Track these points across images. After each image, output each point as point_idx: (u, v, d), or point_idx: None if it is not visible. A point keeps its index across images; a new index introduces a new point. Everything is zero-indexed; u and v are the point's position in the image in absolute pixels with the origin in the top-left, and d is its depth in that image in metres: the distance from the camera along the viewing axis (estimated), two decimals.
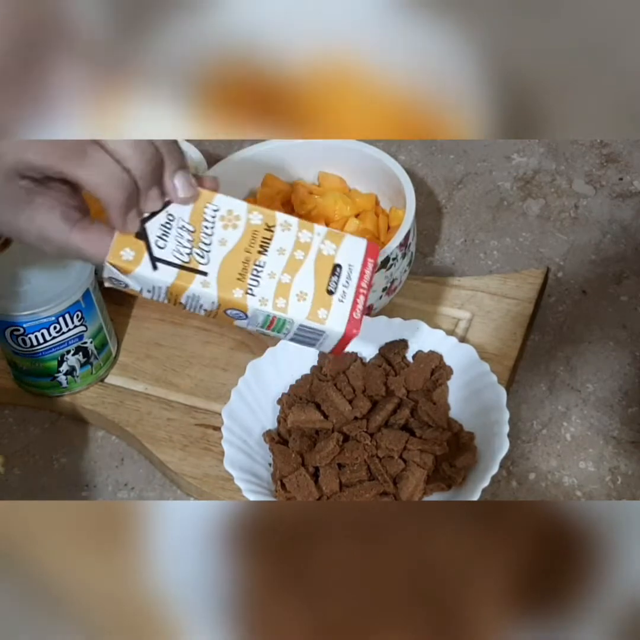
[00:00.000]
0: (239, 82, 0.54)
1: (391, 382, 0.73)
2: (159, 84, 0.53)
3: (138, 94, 0.53)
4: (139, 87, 0.53)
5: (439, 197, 0.97)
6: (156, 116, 0.54)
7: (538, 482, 0.72)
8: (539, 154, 1.00)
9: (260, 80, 0.54)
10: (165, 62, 0.53)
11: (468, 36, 0.53)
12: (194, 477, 0.72)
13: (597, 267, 0.88)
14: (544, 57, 0.53)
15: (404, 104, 0.55)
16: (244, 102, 0.55)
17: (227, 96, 0.54)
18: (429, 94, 0.54)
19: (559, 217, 0.93)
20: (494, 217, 0.94)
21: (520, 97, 0.54)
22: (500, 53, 0.53)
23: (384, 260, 0.75)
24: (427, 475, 0.67)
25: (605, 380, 0.78)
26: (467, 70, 0.54)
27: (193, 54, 0.53)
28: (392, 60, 0.54)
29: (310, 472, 0.68)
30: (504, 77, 0.54)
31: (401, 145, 1.03)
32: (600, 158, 0.99)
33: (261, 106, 0.55)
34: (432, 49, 0.53)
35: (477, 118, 0.55)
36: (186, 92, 0.54)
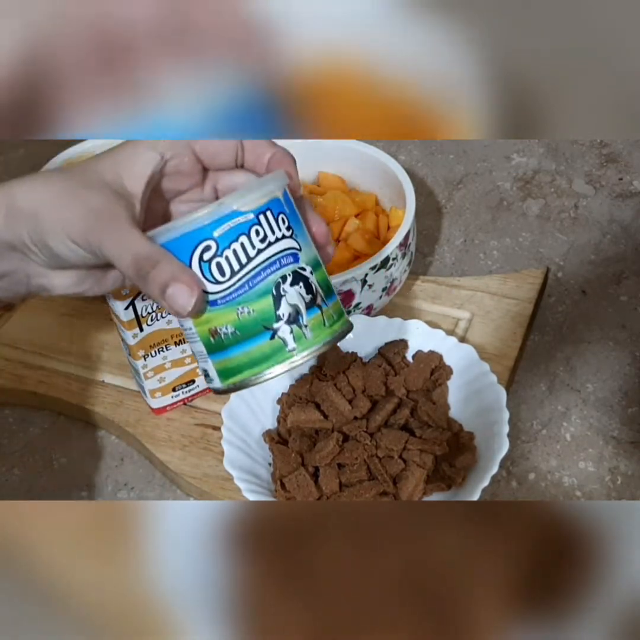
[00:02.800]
0: None
1: (391, 382, 0.73)
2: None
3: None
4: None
5: (439, 197, 0.97)
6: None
7: (538, 482, 0.72)
8: (539, 154, 1.01)
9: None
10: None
11: (468, 36, 0.53)
12: (193, 477, 0.72)
13: (597, 267, 0.88)
14: (544, 57, 0.53)
15: (404, 104, 0.55)
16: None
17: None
18: (429, 94, 0.54)
19: (559, 217, 0.93)
20: (494, 217, 0.94)
21: (520, 97, 0.54)
22: (500, 53, 0.53)
23: (384, 260, 0.75)
24: (427, 475, 0.67)
25: (605, 380, 0.78)
26: (467, 70, 0.54)
27: None
28: (392, 60, 0.54)
29: (310, 472, 0.68)
30: (504, 77, 0.54)
31: (401, 145, 1.03)
32: (600, 158, 1.00)
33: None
34: (432, 49, 0.53)
35: (477, 118, 0.55)
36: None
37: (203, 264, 0.48)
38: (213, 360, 0.50)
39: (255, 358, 0.49)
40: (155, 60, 0.50)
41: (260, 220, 0.48)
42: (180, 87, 0.50)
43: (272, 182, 0.50)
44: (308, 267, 0.50)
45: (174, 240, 0.48)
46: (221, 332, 0.49)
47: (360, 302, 0.76)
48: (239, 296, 0.48)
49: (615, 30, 0.53)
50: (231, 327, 0.48)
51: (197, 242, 0.48)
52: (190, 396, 0.76)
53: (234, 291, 0.48)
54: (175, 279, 0.47)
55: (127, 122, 0.51)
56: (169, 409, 0.76)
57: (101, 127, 0.51)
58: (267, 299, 0.49)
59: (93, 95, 0.50)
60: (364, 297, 0.76)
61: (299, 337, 0.49)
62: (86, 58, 0.50)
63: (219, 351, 0.50)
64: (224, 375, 0.50)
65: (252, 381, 0.50)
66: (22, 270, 0.52)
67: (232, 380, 0.50)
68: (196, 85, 0.51)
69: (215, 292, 0.48)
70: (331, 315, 0.51)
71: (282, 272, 0.49)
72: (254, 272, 0.48)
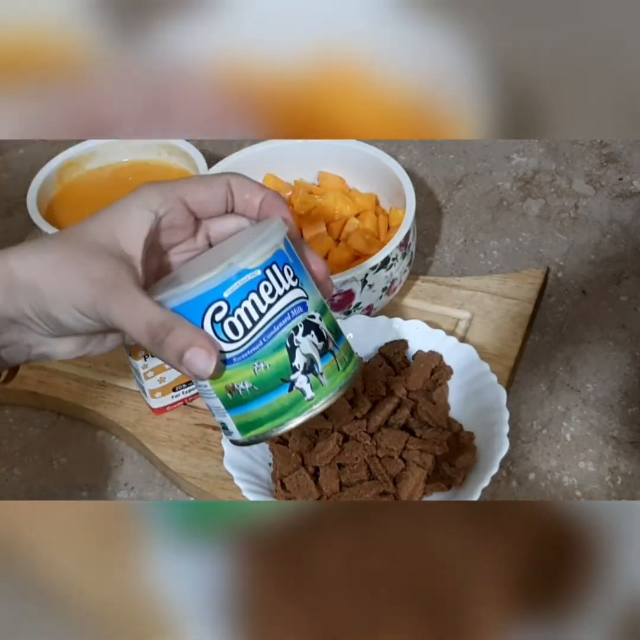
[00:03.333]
0: (239, 83, 0.54)
1: (391, 382, 0.73)
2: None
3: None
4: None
5: (439, 197, 0.97)
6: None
7: (538, 482, 0.71)
8: (539, 154, 1.01)
9: (260, 80, 0.54)
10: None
11: (468, 36, 0.53)
12: (193, 477, 0.72)
13: (597, 267, 0.88)
14: (544, 57, 0.53)
15: (404, 104, 0.55)
16: (245, 102, 0.55)
17: (228, 96, 0.54)
18: (429, 94, 0.54)
19: (559, 217, 0.93)
20: (494, 217, 0.94)
21: (520, 97, 0.54)
22: (500, 53, 0.53)
23: (384, 260, 0.75)
24: (427, 475, 0.67)
25: (605, 380, 0.78)
26: (467, 70, 0.54)
27: (193, 55, 0.53)
28: (392, 60, 0.54)
29: (310, 472, 0.68)
30: (504, 77, 0.54)
31: (401, 145, 1.03)
32: (600, 158, 0.99)
33: (262, 106, 0.55)
34: (432, 49, 0.53)
35: (477, 118, 0.55)
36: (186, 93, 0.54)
37: (215, 324, 0.48)
38: (232, 415, 0.50)
39: (275, 411, 0.49)
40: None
41: (267, 276, 0.48)
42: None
43: (274, 235, 0.49)
44: (317, 314, 0.50)
45: (185, 303, 0.48)
46: (239, 389, 0.49)
47: (360, 302, 0.76)
48: (254, 353, 0.48)
49: (615, 30, 0.53)
50: (248, 383, 0.49)
51: (209, 304, 0.47)
52: (190, 396, 0.76)
53: (248, 348, 0.48)
54: (192, 344, 0.47)
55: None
56: (169, 409, 0.76)
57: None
58: (282, 352, 0.49)
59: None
60: (364, 297, 0.76)
61: (316, 386, 0.49)
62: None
63: (238, 406, 0.50)
64: (244, 428, 0.50)
65: (274, 432, 0.50)
66: (23, 340, 0.51)
67: (254, 433, 0.50)
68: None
69: (230, 350, 0.48)
70: (343, 358, 0.51)
71: (294, 323, 0.49)
72: (267, 328, 0.48)
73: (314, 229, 0.81)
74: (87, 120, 0.56)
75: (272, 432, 0.50)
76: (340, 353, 0.51)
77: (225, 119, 0.56)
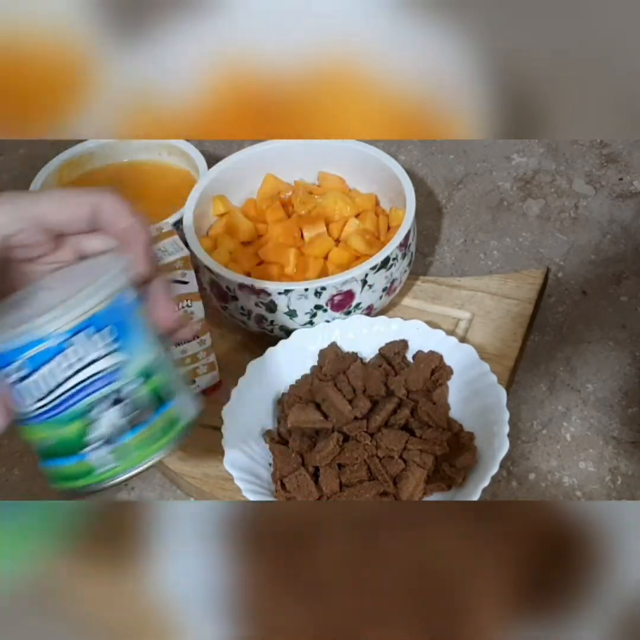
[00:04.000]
0: (239, 82, 0.54)
1: (391, 382, 0.73)
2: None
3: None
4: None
5: (439, 197, 0.97)
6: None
7: (538, 482, 0.72)
8: (539, 154, 1.01)
9: (260, 80, 0.54)
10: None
11: (468, 36, 0.53)
12: (193, 477, 0.72)
13: (597, 268, 0.88)
14: (544, 57, 0.53)
15: (404, 104, 0.55)
16: (245, 103, 0.55)
17: (227, 96, 0.54)
18: (429, 94, 0.54)
19: (559, 217, 0.93)
20: (494, 217, 0.94)
21: (520, 97, 0.54)
22: (500, 53, 0.53)
23: (384, 260, 0.75)
24: (427, 475, 0.67)
25: (605, 381, 0.78)
26: (467, 70, 0.54)
27: (193, 56, 0.53)
28: (391, 60, 0.54)
29: (310, 472, 0.68)
30: (504, 77, 0.54)
31: (401, 145, 1.03)
32: (600, 158, 1.00)
33: (261, 106, 0.55)
34: (432, 49, 0.53)
35: (477, 118, 0.55)
36: (186, 93, 0.54)
37: (15, 383, 0.46)
38: (43, 466, 0.49)
39: (72, 474, 0.48)
40: None
41: (74, 342, 0.45)
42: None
43: (100, 292, 0.46)
44: (139, 379, 0.47)
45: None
46: (43, 444, 0.48)
47: (360, 302, 0.76)
48: (50, 418, 0.46)
49: (615, 30, 0.53)
50: (51, 441, 0.47)
51: (8, 362, 0.46)
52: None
53: (44, 412, 0.46)
54: None
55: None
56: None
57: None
58: (76, 424, 0.46)
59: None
60: (364, 297, 0.76)
61: (120, 457, 0.47)
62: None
63: (47, 459, 0.48)
64: (54, 480, 0.49)
65: (82, 490, 0.48)
66: None
67: (66, 485, 0.49)
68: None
69: (29, 411, 0.46)
70: (167, 424, 0.49)
71: (98, 394, 0.46)
72: (63, 397, 0.46)
73: (314, 229, 0.81)
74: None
75: (81, 489, 0.48)
76: (160, 421, 0.48)
77: (225, 119, 0.56)
